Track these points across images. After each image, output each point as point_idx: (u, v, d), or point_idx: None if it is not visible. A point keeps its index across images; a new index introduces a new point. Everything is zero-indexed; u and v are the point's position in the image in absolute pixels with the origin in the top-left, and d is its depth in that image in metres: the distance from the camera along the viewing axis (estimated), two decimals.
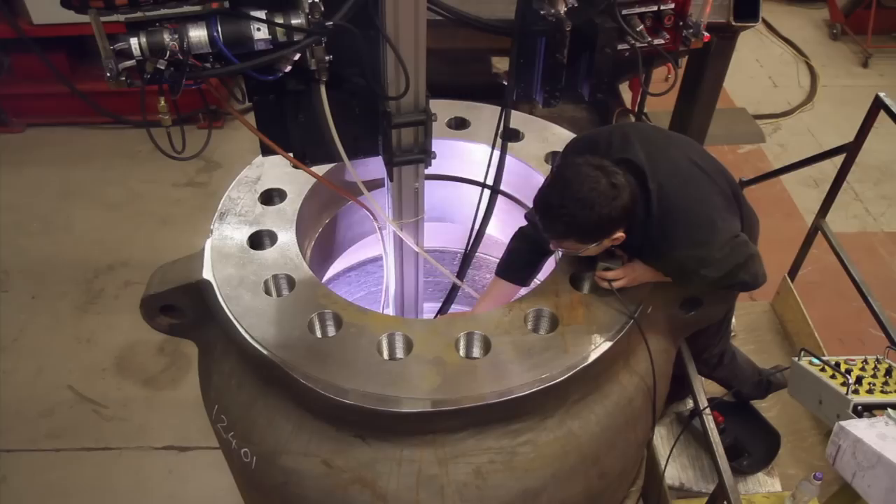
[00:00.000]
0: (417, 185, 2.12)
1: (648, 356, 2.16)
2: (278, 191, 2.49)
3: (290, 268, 2.22)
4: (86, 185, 5.35)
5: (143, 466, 3.83)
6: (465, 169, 2.80)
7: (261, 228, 2.35)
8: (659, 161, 2.04)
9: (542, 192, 1.97)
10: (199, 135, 2.05)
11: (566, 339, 2.04)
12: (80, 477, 3.76)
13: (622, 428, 2.17)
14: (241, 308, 2.11)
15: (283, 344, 2.02)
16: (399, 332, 2.04)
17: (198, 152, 2.01)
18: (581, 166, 1.92)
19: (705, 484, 2.99)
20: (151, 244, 4.93)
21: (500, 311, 2.11)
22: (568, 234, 1.94)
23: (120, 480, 3.76)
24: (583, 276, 2.23)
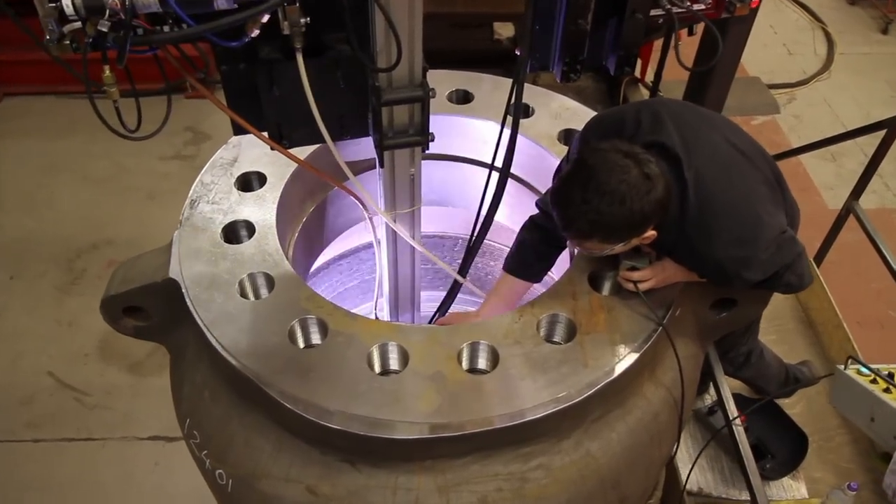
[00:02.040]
0: (413, 172, 1.80)
1: (677, 366, 1.86)
2: (257, 174, 2.16)
3: (270, 265, 1.91)
4: (68, 158, 5.02)
5: (128, 458, 3.59)
6: (469, 148, 2.47)
7: (237, 218, 2.03)
8: (695, 144, 1.72)
9: (560, 184, 1.64)
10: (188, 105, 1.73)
11: (585, 350, 1.74)
12: (62, 469, 3.52)
13: (646, 446, 1.88)
14: (213, 313, 1.80)
15: (259, 355, 1.72)
16: (393, 341, 1.74)
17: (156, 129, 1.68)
18: (608, 153, 1.59)
19: (725, 489, 2.72)
20: (137, 221, 4.62)
21: (509, 317, 1.80)
22: (592, 234, 1.62)
23: (104, 473, 3.52)
24: (604, 276, 1.91)
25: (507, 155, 1.91)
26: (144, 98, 1.63)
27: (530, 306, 1.83)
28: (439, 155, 2.47)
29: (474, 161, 2.47)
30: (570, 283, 1.89)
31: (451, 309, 2.34)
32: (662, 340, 1.83)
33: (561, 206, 1.63)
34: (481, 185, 2.25)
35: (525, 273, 2.11)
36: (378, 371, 1.73)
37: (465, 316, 2.14)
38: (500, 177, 1.97)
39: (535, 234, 2.07)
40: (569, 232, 1.65)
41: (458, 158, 2.49)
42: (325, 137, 1.65)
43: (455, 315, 2.17)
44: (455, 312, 2.19)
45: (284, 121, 1.70)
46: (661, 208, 1.61)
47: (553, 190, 1.66)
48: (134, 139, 1.64)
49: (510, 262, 2.12)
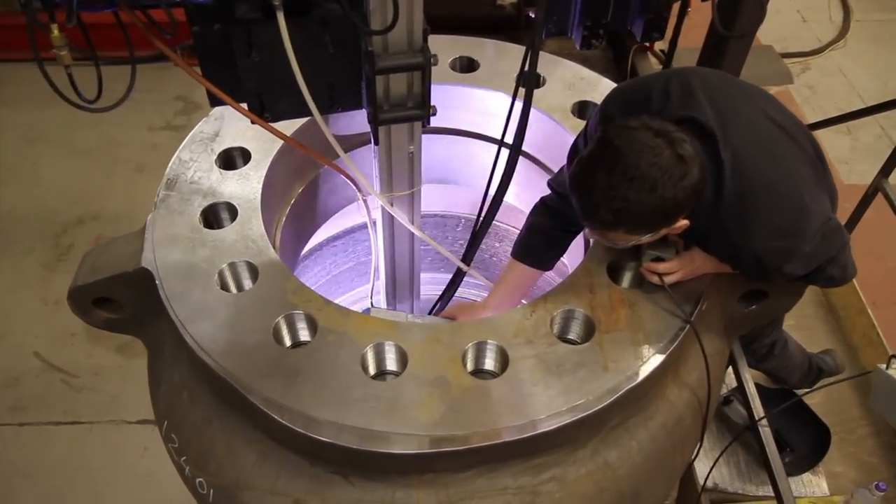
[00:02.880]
0: (412, 149, 1.58)
1: (705, 366, 1.66)
2: (241, 150, 1.94)
3: (253, 252, 1.70)
4: (53, 128, 4.76)
5: (117, 442, 3.41)
6: (474, 121, 2.24)
7: (217, 200, 1.81)
8: (732, 120, 1.49)
9: (581, 167, 1.43)
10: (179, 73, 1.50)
11: (605, 350, 1.54)
12: (48, 454, 3.35)
13: (668, 454, 1.69)
14: (189, 307, 1.60)
15: (240, 355, 1.52)
16: (390, 341, 1.54)
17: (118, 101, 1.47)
18: (636, 132, 1.37)
19: (742, 484, 2.55)
20: (126, 194, 4.38)
21: (520, 313, 1.60)
22: (617, 224, 1.41)
23: (91, 457, 3.35)
24: (624, 267, 1.71)
25: (518, 130, 1.68)
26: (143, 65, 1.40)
27: (543, 301, 1.62)
28: (441, 129, 2.25)
29: (480, 136, 2.24)
30: (586, 274, 1.68)
31: (454, 298, 2.13)
32: (688, 337, 1.62)
33: (582, 193, 1.42)
34: (487, 161, 2.02)
35: (535, 260, 1.90)
36: (373, 374, 1.54)
37: (468, 308, 1.94)
38: (511, 154, 1.74)
39: (546, 217, 1.86)
40: (590, 221, 1.44)
41: (463, 133, 2.26)
42: (311, 110, 1.43)
43: (458, 307, 1.96)
44: (458, 304, 1.99)
45: (266, 91, 1.48)
46: (696, 195, 1.40)
47: (573, 174, 1.44)
48: (92, 110, 1.42)
49: (519, 249, 1.91)
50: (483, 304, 1.95)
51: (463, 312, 1.94)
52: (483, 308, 1.94)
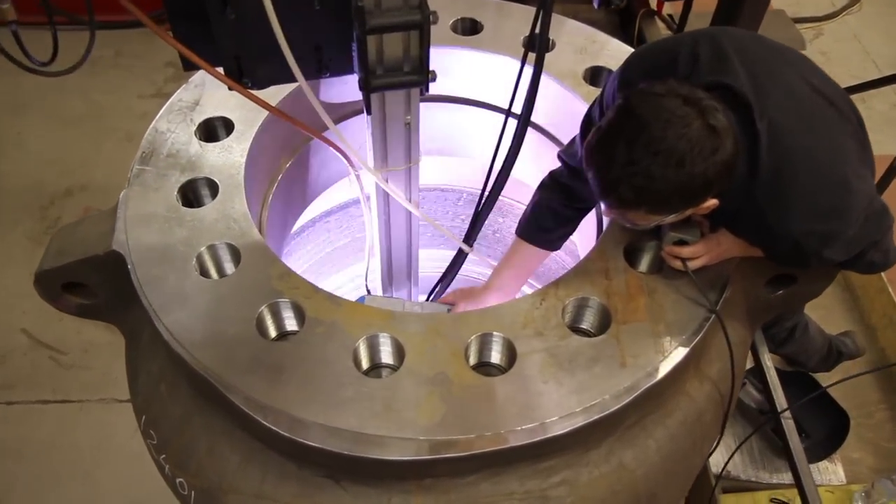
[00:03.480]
0: (409, 119, 1.40)
1: (729, 358, 1.51)
2: (223, 120, 1.76)
3: (235, 234, 1.53)
4: (39, 96, 4.55)
5: (108, 421, 3.28)
6: (477, 88, 2.05)
7: (196, 176, 1.64)
8: (768, 86, 1.31)
9: (598, 139, 1.25)
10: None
11: (622, 343, 1.38)
12: (37, 433, 3.23)
13: (687, 452, 1.55)
14: (164, 294, 1.44)
15: (220, 349, 1.37)
16: (385, 333, 1.38)
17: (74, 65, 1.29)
18: (662, 99, 1.20)
19: (755, 471, 2.42)
20: (115, 165, 4.18)
21: (529, 302, 1.44)
22: (639, 203, 1.24)
23: (81, 437, 3.23)
24: (643, 249, 1.54)
25: (528, 99, 1.51)
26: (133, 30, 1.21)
27: (554, 288, 1.46)
28: (441, 97, 2.06)
29: (485, 104, 2.06)
30: (601, 257, 1.52)
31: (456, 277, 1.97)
32: (712, 328, 1.47)
33: (599, 167, 1.25)
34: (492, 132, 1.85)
35: (542, 240, 1.74)
36: (366, 370, 1.39)
37: (468, 293, 1.78)
38: (519, 125, 1.57)
39: (555, 193, 1.69)
40: (608, 199, 1.27)
41: (465, 101, 2.07)
42: (296, 75, 1.25)
43: (458, 292, 1.80)
44: (458, 289, 1.82)
45: (244, 53, 1.30)
46: (728, 171, 1.23)
47: (589, 146, 1.27)
48: (44, 74, 1.25)
49: (525, 227, 1.75)
50: (484, 287, 1.79)
51: (462, 297, 1.78)
52: (484, 291, 1.78)
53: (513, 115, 1.62)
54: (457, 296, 1.77)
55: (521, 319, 1.41)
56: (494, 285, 1.78)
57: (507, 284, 1.77)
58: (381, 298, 1.76)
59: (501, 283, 1.77)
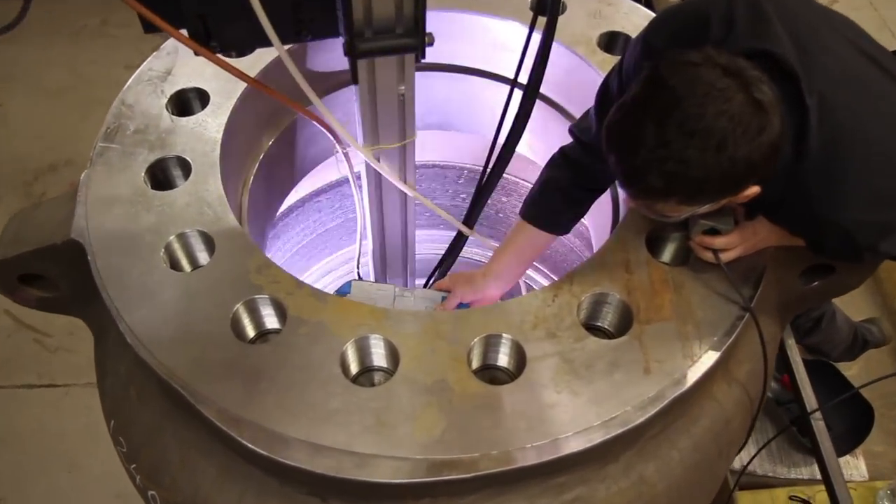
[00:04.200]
0: (403, 90, 1.21)
1: (763, 359, 1.34)
2: (197, 92, 1.57)
3: (209, 220, 1.35)
4: (21, 67, 4.33)
5: (94, 406, 3.07)
6: (480, 55, 1.85)
7: (167, 154, 1.45)
8: (817, 55, 1.12)
9: (622, 116, 1.06)
10: None
11: (646, 346, 1.21)
12: (21, 419, 3.08)
13: (713, 462, 1.39)
14: (128, 289, 1.26)
15: (190, 353, 1.19)
16: (377, 334, 1.21)
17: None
18: (698, 69, 1.00)
19: (772, 466, 2.27)
20: None
21: (540, 298, 1.26)
22: (670, 192, 1.05)
23: (67, 422, 3.08)
24: (667, 238, 1.36)
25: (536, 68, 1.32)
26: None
27: (568, 282, 1.28)
28: (440, 65, 1.86)
29: (488, 74, 1.86)
30: (621, 247, 1.34)
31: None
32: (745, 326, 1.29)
33: (623, 150, 1.06)
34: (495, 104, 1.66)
35: (549, 222, 1.55)
36: (356, 377, 1.22)
37: (466, 279, 1.59)
38: (525, 97, 1.38)
39: (565, 171, 1.50)
40: (633, 188, 1.09)
41: (466, 70, 1.87)
42: (270, 38, 1.06)
43: (454, 279, 1.61)
44: (457, 274, 1.64)
45: (210, 12, 1.10)
46: (775, 153, 1.04)
47: (610, 125, 1.08)
48: None
49: (530, 208, 1.56)
50: (483, 273, 1.60)
51: (459, 283, 1.60)
52: (483, 277, 1.59)
53: (519, 86, 1.43)
54: (453, 282, 1.59)
55: (532, 318, 1.23)
56: (494, 271, 1.60)
57: (509, 270, 1.60)
58: (370, 285, 1.59)
59: (502, 268, 1.59)
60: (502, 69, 1.83)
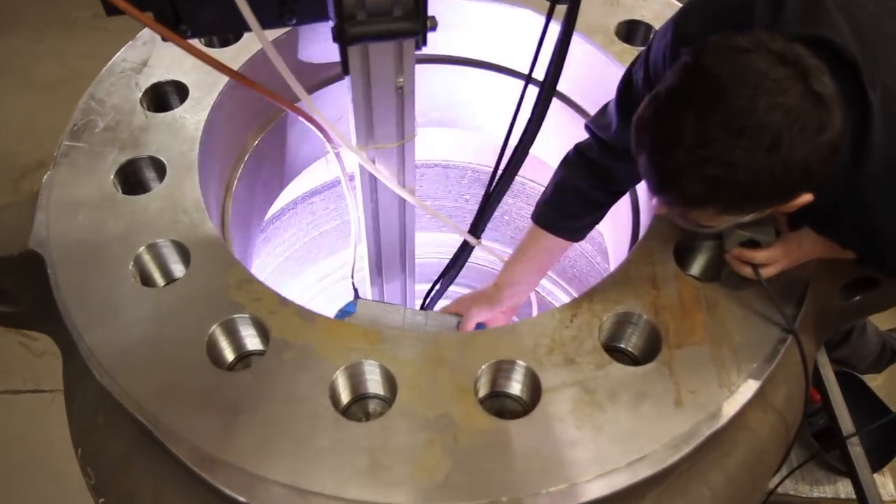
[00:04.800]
0: (402, 82, 1.05)
1: (804, 384, 1.19)
2: (176, 85, 1.41)
3: (184, 228, 1.20)
4: (11, 60, 4.16)
5: None
6: (488, 46, 1.69)
7: (139, 155, 1.30)
8: (878, 43, 0.96)
9: (657, 111, 0.90)
10: None
11: (677, 374, 1.05)
12: (7, 425, 2.94)
13: (746, 497, 1.23)
14: (91, 307, 1.11)
15: (159, 381, 1.04)
16: (372, 360, 1.05)
17: None
18: (749, 56, 0.85)
19: (793, 484, 2.11)
20: None
21: (556, 319, 1.11)
22: (709, 200, 0.89)
23: (53, 431, 2.91)
24: (698, 249, 1.21)
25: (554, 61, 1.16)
26: None
27: (588, 300, 1.13)
28: (444, 56, 1.70)
29: (497, 67, 1.70)
30: (647, 259, 1.18)
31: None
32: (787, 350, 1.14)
33: (656, 151, 0.90)
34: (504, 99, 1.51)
35: (564, 228, 1.40)
36: (346, 405, 1.06)
37: (481, 298, 1.44)
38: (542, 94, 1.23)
39: (582, 172, 1.34)
40: (667, 194, 0.93)
41: (473, 62, 1.71)
42: (248, 22, 0.90)
43: (468, 299, 1.46)
44: (468, 296, 1.48)
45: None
46: (834, 156, 0.88)
47: (642, 120, 0.92)
48: None
49: (544, 213, 1.40)
50: (495, 286, 1.45)
51: (473, 304, 1.44)
52: (496, 291, 1.44)
53: (534, 82, 1.27)
54: (464, 305, 1.44)
55: (547, 342, 1.08)
56: (507, 282, 1.44)
57: (523, 280, 1.44)
58: (377, 305, 1.43)
59: (515, 278, 1.44)
60: (512, 62, 1.67)
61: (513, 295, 1.42)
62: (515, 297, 1.43)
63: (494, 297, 1.42)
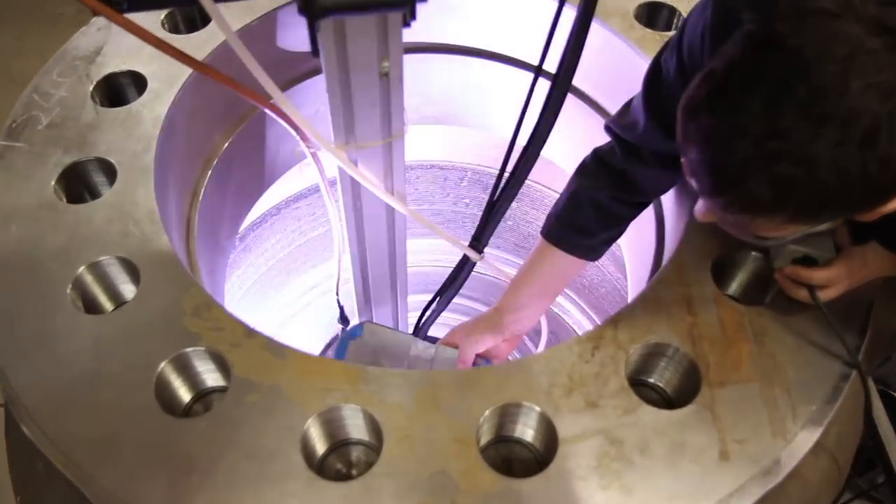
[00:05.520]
0: (387, 67, 0.86)
1: (864, 423, 1.00)
2: (132, 76, 1.23)
3: (135, 243, 1.01)
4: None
5: None
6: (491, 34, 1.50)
7: (86, 157, 1.11)
8: None
9: (711, 93, 0.71)
10: None
11: (721, 420, 0.87)
12: None
13: None
14: (19, 338, 0.93)
15: (96, 430, 0.85)
16: (353, 404, 0.87)
17: None
18: (837, 22, 0.65)
19: None
20: None
21: (575, 351, 0.92)
22: (782, 205, 0.70)
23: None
24: (739, 263, 1.02)
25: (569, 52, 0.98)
26: None
27: (612, 328, 0.94)
28: (439, 45, 1.51)
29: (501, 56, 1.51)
30: (680, 278, 0.99)
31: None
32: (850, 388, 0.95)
33: (710, 143, 0.71)
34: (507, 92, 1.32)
35: (579, 246, 1.20)
36: (322, 457, 0.88)
37: (475, 326, 1.24)
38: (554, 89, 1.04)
39: (601, 180, 1.15)
40: (725, 197, 0.73)
41: (476, 52, 1.52)
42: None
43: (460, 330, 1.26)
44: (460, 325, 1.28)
45: None
46: None
47: (691, 107, 0.73)
48: None
49: (557, 227, 1.21)
50: (498, 309, 1.25)
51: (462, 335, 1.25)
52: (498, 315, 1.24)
53: (544, 75, 1.09)
54: (460, 334, 1.24)
55: (565, 380, 0.89)
56: (511, 306, 1.24)
57: (529, 304, 1.25)
58: (384, 331, 1.25)
59: (520, 302, 1.24)
60: (517, 51, 1.48)
61: (517, 321, 1.23)
62: (520, 323, 1.23)
63: (496, 324, 1.23)
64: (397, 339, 1.25)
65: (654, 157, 1.10)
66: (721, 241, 1.03)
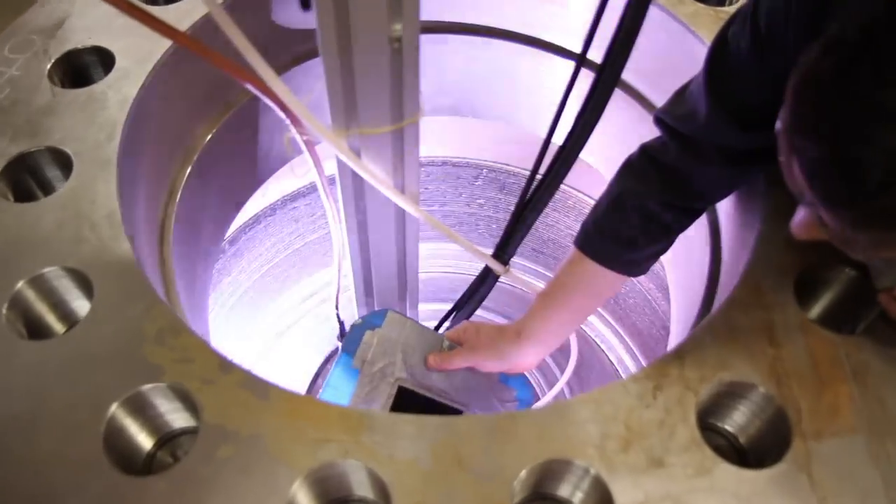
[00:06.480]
0: (399, 30, 0.67)
1: None
2: (98, 53, 1.04)
3: (89, 250, 0.82)
4: None
5: None
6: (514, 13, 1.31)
7: (37, 146, 0.92)
8: None
9: (844, 64, 0.52)
10: None
11: (820, 482, 0.67)
12: None
13: None
14: None
15: (28, 493, 0.66)
16: (353, 460, 0.68)
17: None
18: None
19: None
20: None
21: (634, 393, 0.73)
22: None
23: None
24: (828, 282, 0.83)
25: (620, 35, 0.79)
26: None
27: (677, 364, 0.75)
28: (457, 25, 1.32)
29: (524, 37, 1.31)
30: (757, 300, 0.80)
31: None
32: None
33: (833, 139, 0.52)
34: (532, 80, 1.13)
35: (620, 260, 0.99)
36: None
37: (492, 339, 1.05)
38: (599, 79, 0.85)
39: (650, 182, 0.95)
40: (855, 210, 0.54)
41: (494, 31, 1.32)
42: None
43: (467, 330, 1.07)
44: (478, 325, 1.09)
45: None
46: None
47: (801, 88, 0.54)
48: None
49: (595, 237, 1.00)
50: (517, 331, 1.05)
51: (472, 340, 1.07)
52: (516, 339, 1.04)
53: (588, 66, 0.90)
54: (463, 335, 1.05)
55: (621, 430, 0.70)
56: (532, 332, 1.04)
57: (558, 333, 1.05)
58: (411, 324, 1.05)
59: (548, 329, 1.04)
60: (546, 33, 1.29)
61: (537, 354, 1.04)
62: (540, 348, 1.04)
63: (509, 346, 1.03)
64: (423, 337, 1.05)
65: (717, 152, 0.90)
66: (801, 254, 0.83)
